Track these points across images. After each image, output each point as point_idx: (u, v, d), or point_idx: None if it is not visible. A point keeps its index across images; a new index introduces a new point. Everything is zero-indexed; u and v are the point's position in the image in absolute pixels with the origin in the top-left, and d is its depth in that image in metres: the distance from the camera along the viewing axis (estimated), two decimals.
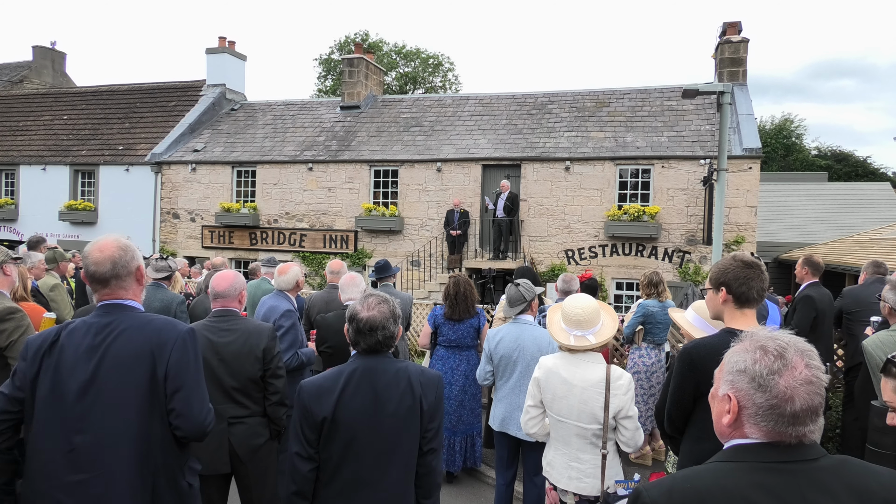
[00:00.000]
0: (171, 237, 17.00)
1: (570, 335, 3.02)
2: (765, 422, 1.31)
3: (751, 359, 1.35)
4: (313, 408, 2.27)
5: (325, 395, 2.29)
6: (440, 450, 2.45)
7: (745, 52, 14.21)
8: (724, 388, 1.39)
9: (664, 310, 5.76)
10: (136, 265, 2.30)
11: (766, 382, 1.31)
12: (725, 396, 1.38)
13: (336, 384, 2.31)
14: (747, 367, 1.34)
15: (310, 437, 2.28)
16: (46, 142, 18.90)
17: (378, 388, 2.31)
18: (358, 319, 2.34)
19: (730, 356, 1.41)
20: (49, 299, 5.82)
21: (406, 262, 14.36)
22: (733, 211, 12.59)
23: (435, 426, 2.39)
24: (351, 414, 2.27)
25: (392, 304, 2.40)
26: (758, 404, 1.32)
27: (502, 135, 14.96)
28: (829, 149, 37.27)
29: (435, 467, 2.42)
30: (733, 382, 1.36)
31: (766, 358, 1.33)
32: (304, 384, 2.36)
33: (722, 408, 1.39)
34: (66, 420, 2.11)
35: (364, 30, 43.19)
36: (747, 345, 1.38)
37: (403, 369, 2.38)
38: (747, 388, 1.33)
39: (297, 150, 16.17)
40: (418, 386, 2.35)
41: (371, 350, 2.37)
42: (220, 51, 18.88)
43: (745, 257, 2.53)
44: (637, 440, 2.92)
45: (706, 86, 8.13)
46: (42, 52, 25.10)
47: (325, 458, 2.29)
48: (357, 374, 2.33)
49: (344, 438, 2.27)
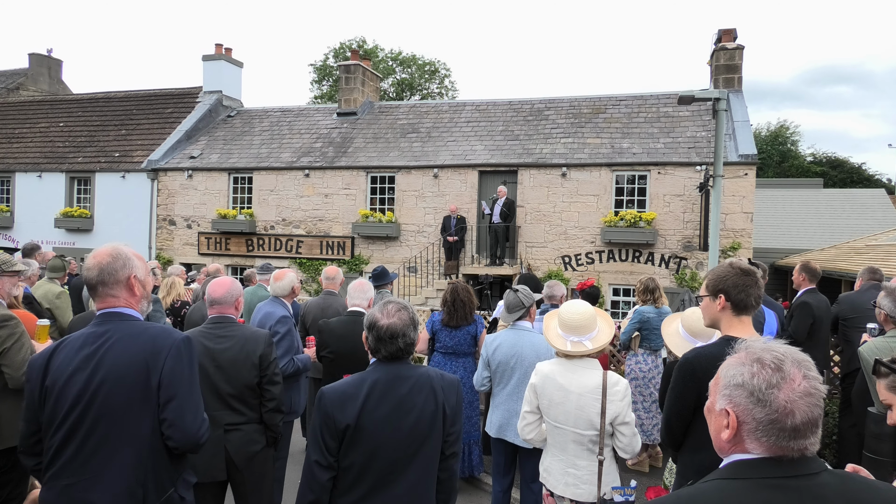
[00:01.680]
0: (167, 244, 16.96)
1: (566, 341, 3.02)
2: (765, 436, 1.28)
3: (748, 372, 1.31)
4: (336, 415, 2.22)
5: (348, 403, 2.24)
6: (460, 453, 2.46)
7: (741, 59, 14.30)
8: (722, 402, 1.35)
9: (660, 316, 5.76)
10: (126, 273, 2.27)
11: (766, 397, 1.27)
12: (723, 411, 1.34)
13: (360, 391, 2.26)
14: (745, 381, 1.30)
15: (330, 446, 2.22)
16: (42, 149, 18.88)
17: (401, 394, 2.28)
18: (378, 327, 2.30)
19: (725, 369, 1.37)
20: (54, 307, 5.82)
21: (403, 268, 14.35)
22: (729, 217, 12.63)
23: (457, 430, 2.38)
24: (375, 421, 2.23)
25: (411, 311, 2.39)
26: (757, 419, 1.28)
27: (499, 141, 15.00)
28: (824, 155, 37.51)
29: (455, 471, 2.42)
30: (731, 397, 1.32)
31: (764, 371, 1.29)
32: (325, 391, 2.30)
33: (720, 423, 1.35)
34: (61, 428, 2.13)
35: (360, 36, 43.41)
36: (743, 357, 1.35)
37: (425, 375, 2.36)
38: (746, 402, 1.30)
39: (294, 157, 16.18)
40: (440, 391, 2.34)
41: (392, 357, 2.33)
42: (217, 58, 18.91)
43: (741, 264, 2.54)
44: (634, 446, 2.91)
45: (702, 92, 8.17)
46: (38, 60, 25.09)
47: (346, 466, 2.24)
48: (381, 381, 2.29)
49: (367, 446, 2.22)
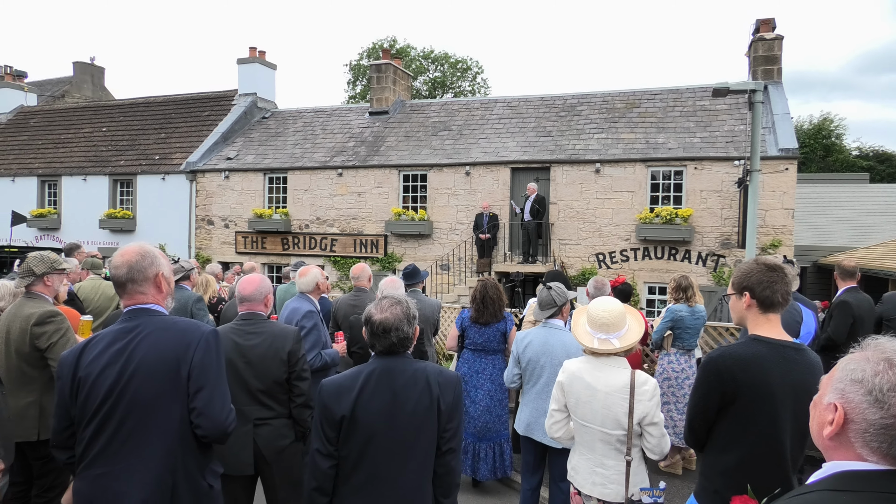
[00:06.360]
0: (205, 243, 17.36)
1: (594, 338, 2.97)
2: (877, 443, 1.18)
3: (871, 370, 1.21)
4: (332, 406, 2.32)
5: (344, 394, 2.33)
6: (459, 450, 2.45)
7: (780, 50, 13.87)
8: (832, 396, 1.25)
9: (693, 315, 5.64)
10: (154, 271, 2.34)
11: (885, 399, 1.17)
12: (831, 406, 1.25)
13: (355, 383, 2.35)
14: (865, 378, 1.21)
15: (329, 435, 2.32)
16: (87, 153, 19.52)
17: (396, 387, 2.34)
18: (372, 322, 2.38)
19: (846, 363, 1.27)
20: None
21: (435, 266, 14.38)
22: (769, 213, 12.27)
23: (453, 426, 2.39)
24: (369, 413, 2.30)
25: (406, 306, 2.42)
26: (869, 421, 1.18)
27: (531, 137, 14.89)
28: (871, 149, 36.12)
29: (454, 467, 2.42)
30: (844, 392, 1.23)
31: (890, 372, 1.19)
32: (324, 383, 2.41)
33: (824, 417, 1.26)
34: (93, 420, 2.19)
35: (392, 35, 43.63)
36: (869, 354, 1.25)
37: (422, 369, 2.40)
38: (860, 400, 1.20)
39: (327, 157, 16.36)
40: (436, 386, 2.37)
41: (387, 351, 2.39)
42: (251, 60, 19.26)
43: (767, 260, 2.47)
44: (663, 447, 2.85)
45: (737, 84, 7.95)
46: (82, 68, 26.00)
47: (344, 455, 2.33)
48: (375, 374, 2.36)
49: (362, 437, 2.30)
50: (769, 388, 2.30)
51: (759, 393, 2.30)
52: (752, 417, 2.32)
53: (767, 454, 2.32)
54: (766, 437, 2.31)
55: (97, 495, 2.16)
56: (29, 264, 3.75)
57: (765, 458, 2.32)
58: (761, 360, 2.32)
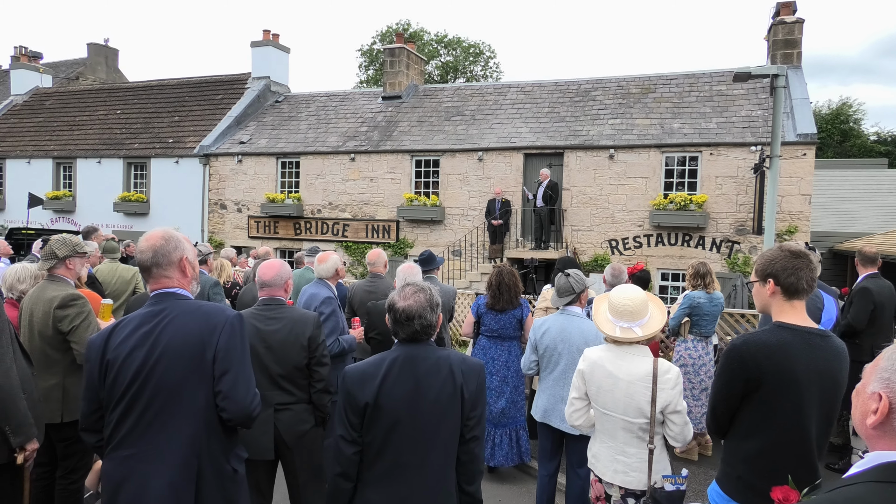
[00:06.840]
0: (218, 227, 17.44)
1: (615, 326, 2.96)
2: None
3: None
4: (356, 393, 2.33)
5: (367, 381, 2.33)
6: (483, 437, 2.46)
7: (800, 33, 13.62)
8: (876, 384, 1.23)
9: (711, 301, 5.60)
10: (178, 255, 2.36)
11: None
12: (875, 395, 1.22)
13: (378, 370, 2.35)
14: None
15: (353, 422, 2.33)
16: (101, 135, 19.60)
17: (419, 375, 2.34)
18: (395, 309, 2.37)
19: (891, 352, 1.25)
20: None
21: (447, 251, 14.37)
22: (786, 199, 12.14)
23: (477, 414, 2.39)
24: (392, 400, 2.31)
25: (429, 293, 2.41)
26: None
27: (544, 123, 14.77)
28: (889, 134, 35.51)
29: (478, 454, 2.43)
30: (890, 381, 1.21)
31: None
32: (348, 370, 2.41)
33: (868, 406, 1.24)
34: (121, 403, 2.22)
35: (405, 19, 43.31)
36: None
37: (445, 357, 2.40)
38: None
39: (340, 141, 16.33)
40: (459, 374, 2.37)
41: (410, 339, 2.40)
42: (265, 44, 19.18)
43: (791, 247, 2.44)
44: (686, 435, 2.84)
45: (759, 69, 7.81)
46: (96, 49, 26.03)
47: (368, 441, 2.34)
48: (399, 361, 2.37)
49: (386, 423, 2.31)
50: (794, 374, 2.28)
51: (783, 380, 2.28)
52: (776, 405, 2.30)
53: (792, 441, 2.31)
54: (792, 424, 2.30)
55: (125, 476, 2.19)
56: (52, 247, 3.78)
57: (790, 446, 2.31)
58: (786, 347, 2.30)
